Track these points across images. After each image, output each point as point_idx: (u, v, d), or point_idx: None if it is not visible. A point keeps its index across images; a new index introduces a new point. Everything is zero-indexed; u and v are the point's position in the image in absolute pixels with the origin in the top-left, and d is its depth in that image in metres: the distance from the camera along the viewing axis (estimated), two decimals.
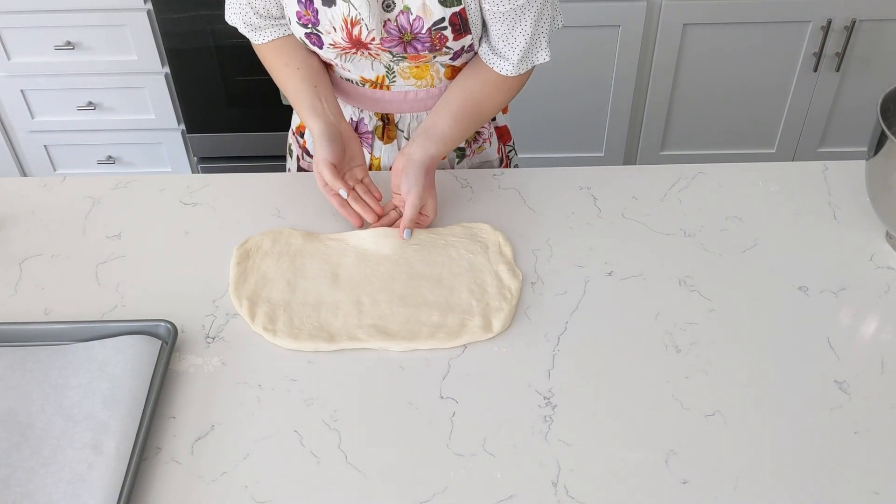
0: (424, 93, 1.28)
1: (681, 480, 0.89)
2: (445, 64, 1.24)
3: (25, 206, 1.24)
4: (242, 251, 1.14)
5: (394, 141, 1.33)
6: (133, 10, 2.19)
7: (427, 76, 1.25)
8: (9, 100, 2.38)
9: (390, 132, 1.32)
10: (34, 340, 1.02)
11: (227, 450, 0.92)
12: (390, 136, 1.33)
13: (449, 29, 1.14)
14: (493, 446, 0.92)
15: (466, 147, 1.36)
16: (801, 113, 2.42)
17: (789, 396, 0.97)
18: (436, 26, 1.13)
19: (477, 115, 1.24)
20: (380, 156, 1.35)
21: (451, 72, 1.26)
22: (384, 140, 1.33)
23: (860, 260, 1.15)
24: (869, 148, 1.12)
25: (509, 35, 1.17)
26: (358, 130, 1.33)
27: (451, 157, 1.36)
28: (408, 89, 1.27)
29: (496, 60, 1.20)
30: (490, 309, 1.06)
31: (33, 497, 0.85)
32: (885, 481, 0.88)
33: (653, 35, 2.25)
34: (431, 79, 1.26)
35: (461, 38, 1.17)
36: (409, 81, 1.26)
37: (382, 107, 1.30)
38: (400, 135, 1.33)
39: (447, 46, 1.17)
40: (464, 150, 1.36)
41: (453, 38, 1.16)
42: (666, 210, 1.23)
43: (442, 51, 1.18)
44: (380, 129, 1.33)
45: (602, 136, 2.48)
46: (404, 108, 1.30)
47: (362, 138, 1.33)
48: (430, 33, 1.14)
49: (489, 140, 1.38)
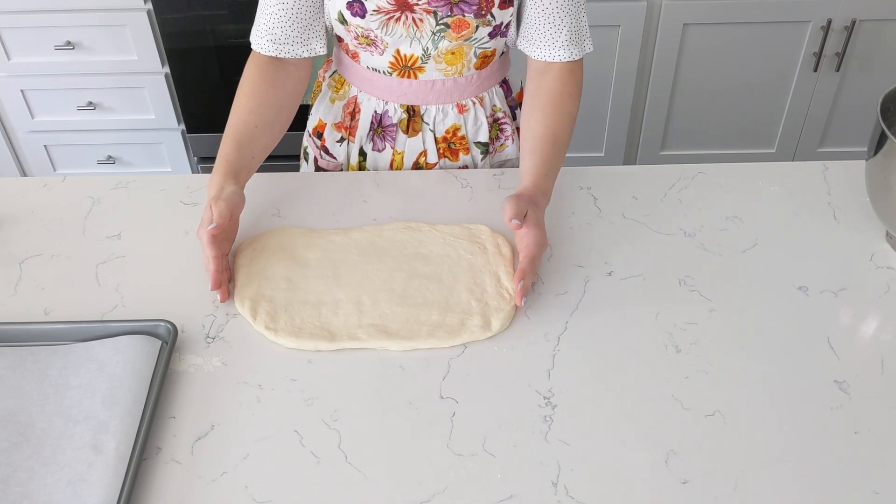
0: (451, 82, 1.28)
1: (681, 480, 0.89)
2: (479, 51, 1.24)
3: (25, 206, 1.24)
4: (244, 251, 1.14)
5: (418, 134, 1.33)
6: (133, 10, 2.19)
7: (459, 63, 1.25)
8: (9, 100, 2.39)
9: (415, 125, 1.32)
10: (34, 340, 1.02)
11: (227, 450, 0.92)
12: (415, 128, 1.32)
13: None
14: (493, 446, 0.92)
15: (490, 144, 1.36)
16: (801, 113, 2.42)
17: (789, 396, 0.97)
18: None
19: (554, 146, 1.21)
20: (402, 150, 1.34)
21: (480, 61, 1.26)
22: (409, 133, 1.33)
23: (860, 260, 1.15)
24: (869, 148, 1.12)
25: (556, 18, 1.19)
26: (382, 123, 1.33)
27: (475, 154, 1.36)
28: (435, 77, 1.27)
29: (546, 50, 1.21)
30: (489, 309, 1.06)
31: (33, 497, 0.85)
32: (885, 481, 0.88)
33: (653, 35, 2.26)
34: (462, 67, 1.26)
35: (504, 9, 1.18)
36: (440, 66, 1.25)
37: (409, 98, 1.30)
38: (425, 127, 1.32)
39: (491, 14, 1.17)
40: (487, 147, 1.36)
41: (499, 6, 1.17)
42: (666, 210, 1.23)
43: (486, 19, 1.17)
44: (404, 121, 1.32)
45: (602, 136, 2.48)
46: (430, 100, 1.30)
47: (386, 132, 1.33)
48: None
49: (511, 137, 1.39)
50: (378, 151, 1.35)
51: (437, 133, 1.33)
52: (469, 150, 1.35)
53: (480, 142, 1.35)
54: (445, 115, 1.31)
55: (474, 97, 1.31)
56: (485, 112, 1.33)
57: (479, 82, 1.30)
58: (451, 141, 1.34)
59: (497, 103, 1.35)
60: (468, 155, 1.35)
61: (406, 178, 1.30)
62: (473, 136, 1.34)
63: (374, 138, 1.34)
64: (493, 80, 1.32)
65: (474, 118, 1.33)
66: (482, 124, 1.33)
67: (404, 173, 1.31)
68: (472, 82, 1.29)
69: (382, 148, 1.35)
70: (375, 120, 1.33)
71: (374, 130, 1.34)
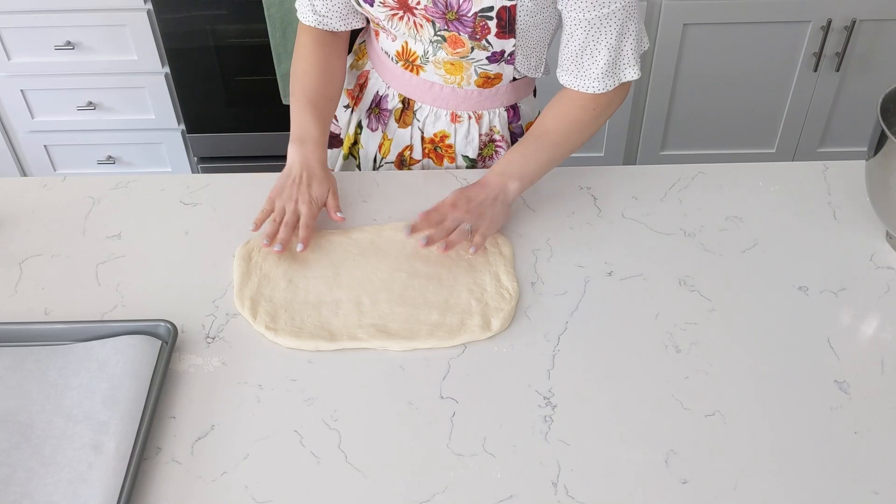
0: (450, 90, 1.27)
1: (681, 480, 0.89)
2: (480, 71, 1.23)
3: (25, 206, 1.24)
4: (244, 252, 1.14)
5: (408, 127, 1.33)
6: (133, 10, 2.19)
7: (458, 75, 1.25)
8: (9, 100, 2.38)
9: (407, 117, 1.33)
10: (34, 340, 1.02)
11: (227, 450, 0.92)
12: (406, 121, 1.33)
13: (495, 21, 1.13)
14: (493, 446, 0.92)
15: (479, 161, 1.35)
16: (801, 113, 2.42)
17: (789, 396, 0.97)
18: (482, 13, 1.12)
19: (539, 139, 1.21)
20: (392, 138, 1.35)
21: (482, 80, 1.25)
22: (400, 124, 1.33)
23: (860, 260, 1.15)
24: (869, 148, 1.12)
25: (593, 47, 1.14)
26: (380, 105, 1.35)
27: (461, 165, 1.35)
28: (435, 80, 1.27)
29: (581, 81, 1.17)
30: (489, 309, 1.06)
31: (33, 497, 0.85)
32: (885, 481, 0.88)
33: (653, 35, 2.25)
34: (461, 79, 1.25)
35: (504, 39, 1.15)
36: (439, 71, 1.25)
37: (408, 90, 1.30)
38: (415, 123, 1.33)
39: (487, 40, 1.16)
40: (475, 163, 1.35)
41: (496, 35, 1.15)
42: (666, 210, 1.23)
43: (481, 43, 1.16)
44: (399, 111, 1.33)
45: (602, 136, 2.48)
46: (426, 99, 1.30)
47: (381, 114, 1.35)
48: (474, 18, 1.12)
49: None
50: (372, 130, 1.37)
51: (426, 133, 1.33)
52: (455, 160, 1.34)
53: (468, 156, 1.34)
54: (437, 118, 1.31)
55: (472, 112, 1.30)
56: (479, 129, 1.32)
57: (479, 99, 1.29)
58: (438, 145, 1.34)
59: (497, 125, 1.32)
60: (453, 164, 1.35)
61: (406, 178, 1.30)
62: (462, 149, 1.34)
63: (371, 116, 1.37)
64: (498, 102, 1.30)
65: (466, 131, 1.32)
66: (473, 140, 1.32)
67: (404, 173, 1.31)
68: (471, 97, 1.28)
69: (376, 128, 1.37)
70: (375, 99, 1.35)
71: (372, 109, 1.36)
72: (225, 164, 2.47)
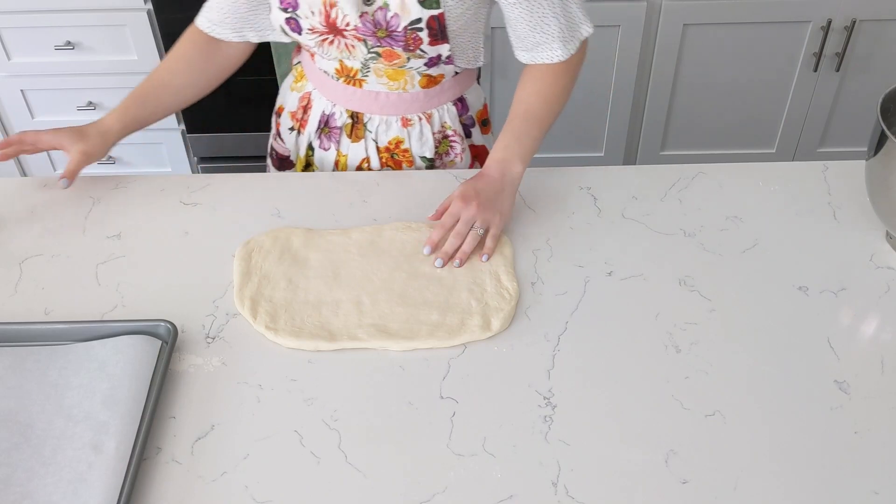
0: (396, 96, 1.28)
1: (681, 480, 0.89)
2: (421, 72, 1.24)
3: (25, 206, 1.24)
4: (244, 252, 1.14)
5: (361, 140, 1.33)
6: (133, 10, 2.19)
7: (401, 79, 1.25)
8: (9, 100, 2.38)
9: (358, 131, 1.32)
10: (34, 340, 1.02)
11: (227, 450, 0.92)
12: (358, 135, 1.33)
13: (426, 31, 1.14)
14: (493, 446, 0.92)
15: (437, 159, 1.35)
16: (801, 113, 2.42)
17: (789, 396, 0.97)
18: (412, 26, 1.13)
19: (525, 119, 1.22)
20: (346, 153, 1.35)
21: (426, 80, 1.26)
22: (352, 138, 1.33)
23: (860, 260, 1.15)
24: (869, 148, 1.12)
25: (541, 20, 1.16)
26: (328, 125, 1.34)
27: (420, 167, 1.35)
28: (379, 89, 1.27)
29: (542, 53, 1.20)
30: (489, 309, 1.06)
31: (33, 497, 0.85)
32: (885, 481, 0.88)
33: (653, 35, 2.26)
34: (405, 83, 1.26)
35: (437, 45, 1.17)
36: (381, 80, 1.25)
37: (354, 104, 1.30)
38: (368, 136, 1.32)
39: (422, 49, 1.17)
40: (433, 162, 1.35)
41: (429, 43, 1.16)
42: (666, 210, 1.23)
43: (416, 52, 1.17)
44: (349, 126, 1.33)
45: (602, 136, 2.48)
46: (374, 109, 1.30)
47: (332, 133, 1.34)
48: (405, 31, 1.14)
49: (461, 155, 1.37)
50: (325, 150, 1.36)
51: (380, 143, 1.33)
52: (413, 163, 1.35)
53: (426, 157, 1.34)
54: (389, 126, 1.31)
55: (421, 113, 1.31)
56: (432, 128, 1.32)
57: (426, 100, 1.29)
58: (394, 152, 1.34)
59: (448, 121, 1.33)
60: (412, 167, 1.35)
61: (406, 178, 1.30)
62: (419, 151, 1.34)
63: (322, 136, 1.36)
64: (444, 98, 1.31)
65: (420, 133, 1.32)
66: (428, 140, 1.33)
67: (404, 173, 1.31)
68: (418, 99, 1.29)
69: (328, 147, 1.36)
70: (323, 119, 1.34)
71: (322, 129, 1.35)
72: (225, 164, 2.47)
